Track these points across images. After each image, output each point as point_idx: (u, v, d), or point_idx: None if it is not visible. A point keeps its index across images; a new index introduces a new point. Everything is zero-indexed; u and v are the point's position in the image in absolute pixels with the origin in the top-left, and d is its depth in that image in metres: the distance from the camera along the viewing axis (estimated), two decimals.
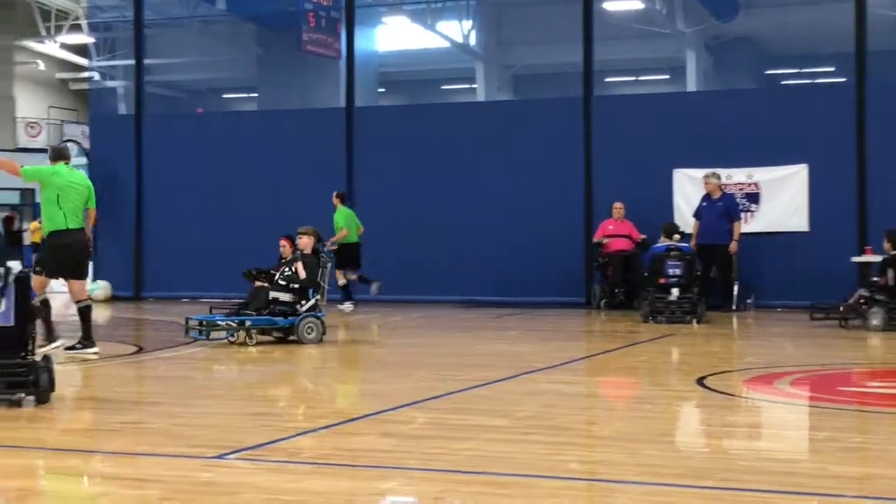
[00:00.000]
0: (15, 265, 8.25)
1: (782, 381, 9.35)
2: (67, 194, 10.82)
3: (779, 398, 8.71)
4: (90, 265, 21.34)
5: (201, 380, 10.48)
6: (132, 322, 16.69)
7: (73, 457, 6.68)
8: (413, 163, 18.96)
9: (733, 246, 16.28)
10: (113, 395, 9.05)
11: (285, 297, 12.44)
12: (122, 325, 16.04)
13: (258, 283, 12.66)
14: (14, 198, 29.31)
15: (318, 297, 12.56)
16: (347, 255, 17.24)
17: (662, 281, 15.11)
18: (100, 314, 17.76)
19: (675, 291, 14.99)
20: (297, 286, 12.50)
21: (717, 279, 16.25)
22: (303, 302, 12.43)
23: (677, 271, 15.17)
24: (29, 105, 35.07)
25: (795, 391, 9.07)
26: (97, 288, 20.44)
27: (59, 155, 11.14)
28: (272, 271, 12.90)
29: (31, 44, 34.25)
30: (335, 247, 17.15)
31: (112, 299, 20.03)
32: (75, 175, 11.09)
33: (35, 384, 8.00)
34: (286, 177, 19.31)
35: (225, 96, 33.31)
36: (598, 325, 15.55)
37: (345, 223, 17.27)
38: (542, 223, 17.95)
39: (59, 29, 32.89)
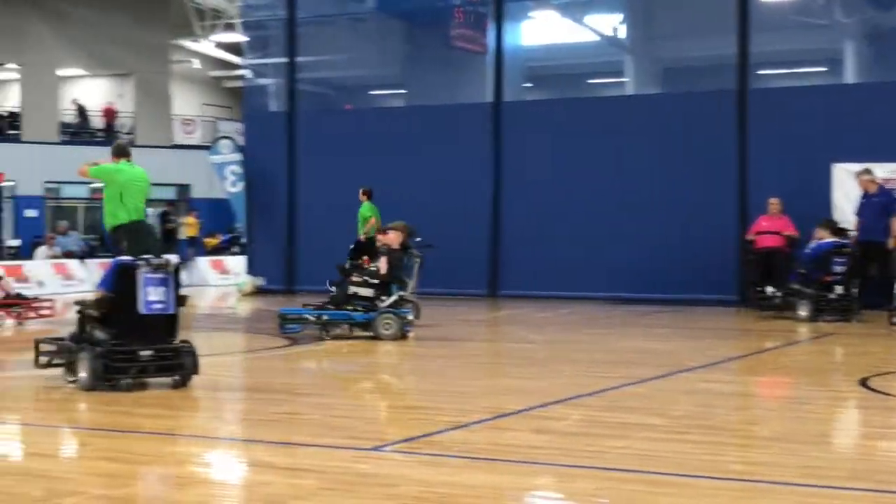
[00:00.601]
0: (172, 258, 8.71)
1: None
2: (130, 191, 11.02)
3: None
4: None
5: (350, 372, 10.59)
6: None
7: (232, 445, 6.81)
8: (561, 157, 18.82)
9: (891, 242, 15.71)
10: (267, 385, 9.21)
11: (365, 291, 12.27)
12: (269, 319, 16.30)
13: (355, 278, 12.51)
14: (170, 193, 30.20)
15: (402, 293, 12.35)
16: (365, 248, 16.57)
17: (828, 278, 14.65)
18: (247, 306, 18.23)
19: (837, 289, 14.54)
20: (376, 281, 12.33)
21: (877, 277, 15.69)
22: (383, 297, 12.25)
23: (842, 268, 14.70)
24: (184, 102, 36.06)
25: None
26: (244, 283, 20.95)
27: (121, 151, 11.31)
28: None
29: (187, 43, 35.19)
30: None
31: (263, 292, 20.42)
32: (136, 171, 11.27)
33: (180, 367, 8.45)
34: (434, 171, 19.37)
35: (372, 93, 33.63)
36: (752, 323, 15.15)
37: (372, 213, 17.24)
38: (692, 218, 17.61)
39: (213, 28, 33.70)
